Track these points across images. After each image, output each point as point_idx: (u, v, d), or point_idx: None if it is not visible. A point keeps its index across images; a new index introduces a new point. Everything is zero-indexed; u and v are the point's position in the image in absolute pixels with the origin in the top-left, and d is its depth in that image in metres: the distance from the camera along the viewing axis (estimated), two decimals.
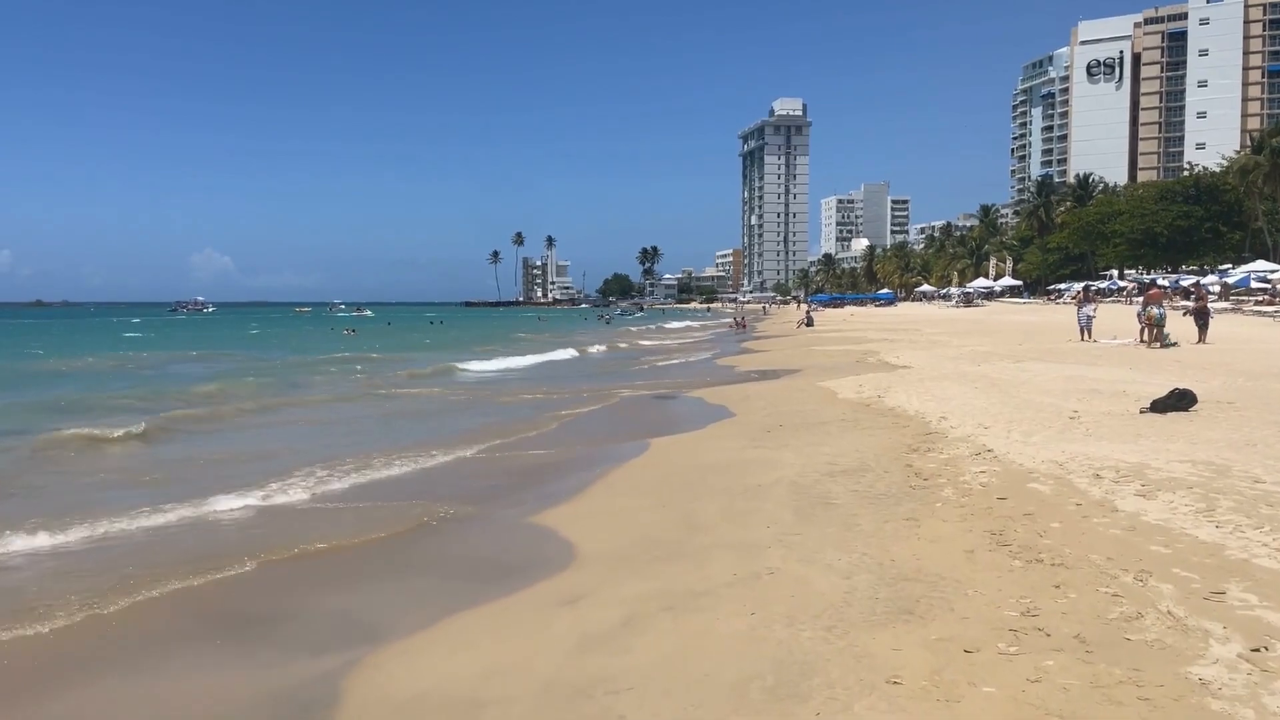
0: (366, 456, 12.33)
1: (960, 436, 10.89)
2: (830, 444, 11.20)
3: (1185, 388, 11.74)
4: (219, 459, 12.84)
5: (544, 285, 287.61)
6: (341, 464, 11.76)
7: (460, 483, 10.84)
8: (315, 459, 12.20)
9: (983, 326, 44.93)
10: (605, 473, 10.62)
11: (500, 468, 11.93)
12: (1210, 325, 26.66)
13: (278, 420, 17.62)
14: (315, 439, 14.79)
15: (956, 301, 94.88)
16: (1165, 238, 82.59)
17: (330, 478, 10.93)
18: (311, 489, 10.32)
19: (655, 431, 13.82)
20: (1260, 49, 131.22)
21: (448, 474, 11.52)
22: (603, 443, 13.45)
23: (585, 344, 44.19)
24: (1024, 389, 15.58)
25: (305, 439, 14.84)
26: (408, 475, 11.35)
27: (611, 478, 10.32)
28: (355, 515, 8.99)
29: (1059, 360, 21.90)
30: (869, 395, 16.06)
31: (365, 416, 17.87)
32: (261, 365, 31.85)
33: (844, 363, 25.15)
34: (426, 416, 17.80)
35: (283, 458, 12.57)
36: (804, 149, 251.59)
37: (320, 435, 15.35)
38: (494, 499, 9.79)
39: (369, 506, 9.46)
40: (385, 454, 12.54)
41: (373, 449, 13.08)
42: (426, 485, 10.72)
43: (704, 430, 13.81)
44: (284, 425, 16.94)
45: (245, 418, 17.69)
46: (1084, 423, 11.24)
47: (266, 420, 17.56)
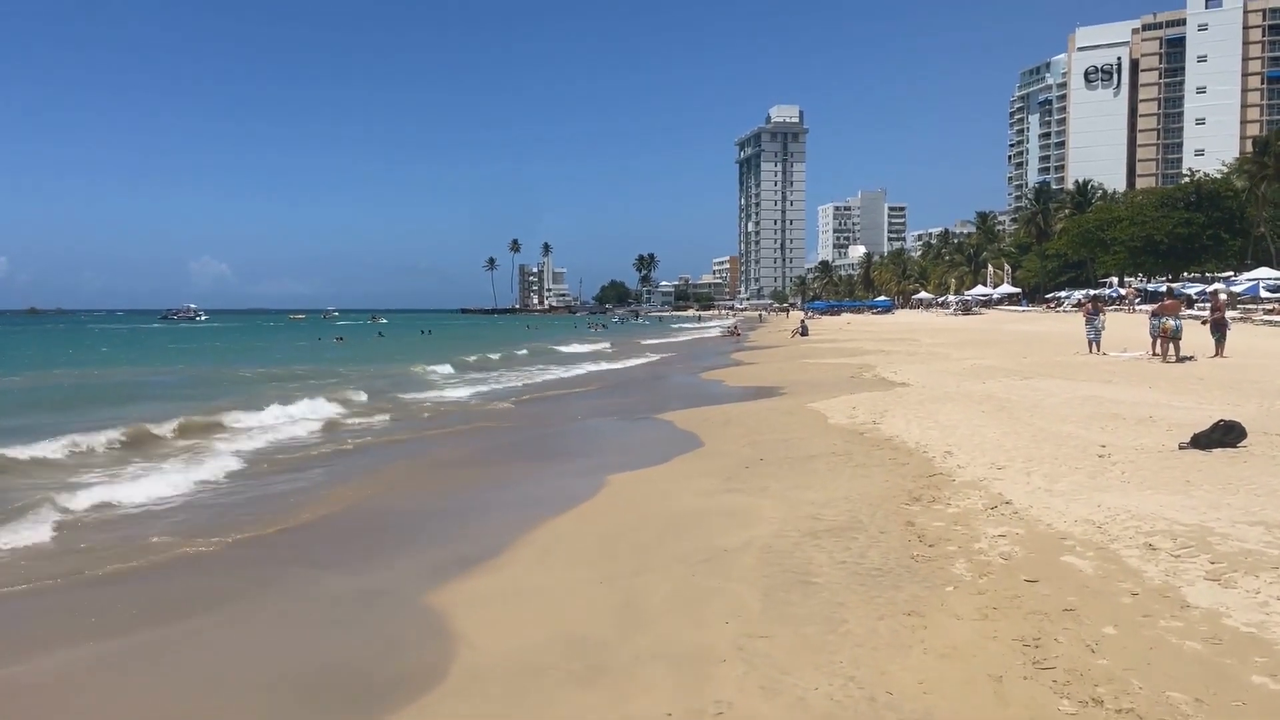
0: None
1: (970, 480, 9.15)
2: (817, 487, 9.46)
3: (1231, 420, 10.03)
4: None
5: (540, 292, 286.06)
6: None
7: (329, 535, 9.10)
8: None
9: (983, 336, 43.27)
10: (542, 523, 8.86)
11: (403, 510, 10.20)
12: (1228, 337, 25.06)
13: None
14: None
15: (955, 309, 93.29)
16: (1166, 245, 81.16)
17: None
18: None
19: (615, 464, 12.06)
20: (1260, 54, 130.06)
21: (322, 523, 9.74)
22: (549, 477, 11.70)
23: (560, 357, 42.41)
24: (1038, 414, 13.86)
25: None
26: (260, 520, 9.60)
27: (548, 532, 8.56)
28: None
29: (1070, 377, 20.20)
30: (863, 420, 14.33)
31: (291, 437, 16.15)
32: (205, 382, 29.81)
33: (837, 379, 23.41)
34: (365, 447, 16.03)
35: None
36: (801, 156, 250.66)
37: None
38: (373, 559, 8.03)
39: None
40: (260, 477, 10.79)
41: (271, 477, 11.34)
42: (292, 542, 8.95)
43: (674, 464, 12.05)
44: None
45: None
46: (1116, 462, 9.51)
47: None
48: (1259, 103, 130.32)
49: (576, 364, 36.93)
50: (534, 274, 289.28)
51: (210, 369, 36.78)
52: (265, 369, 35.09)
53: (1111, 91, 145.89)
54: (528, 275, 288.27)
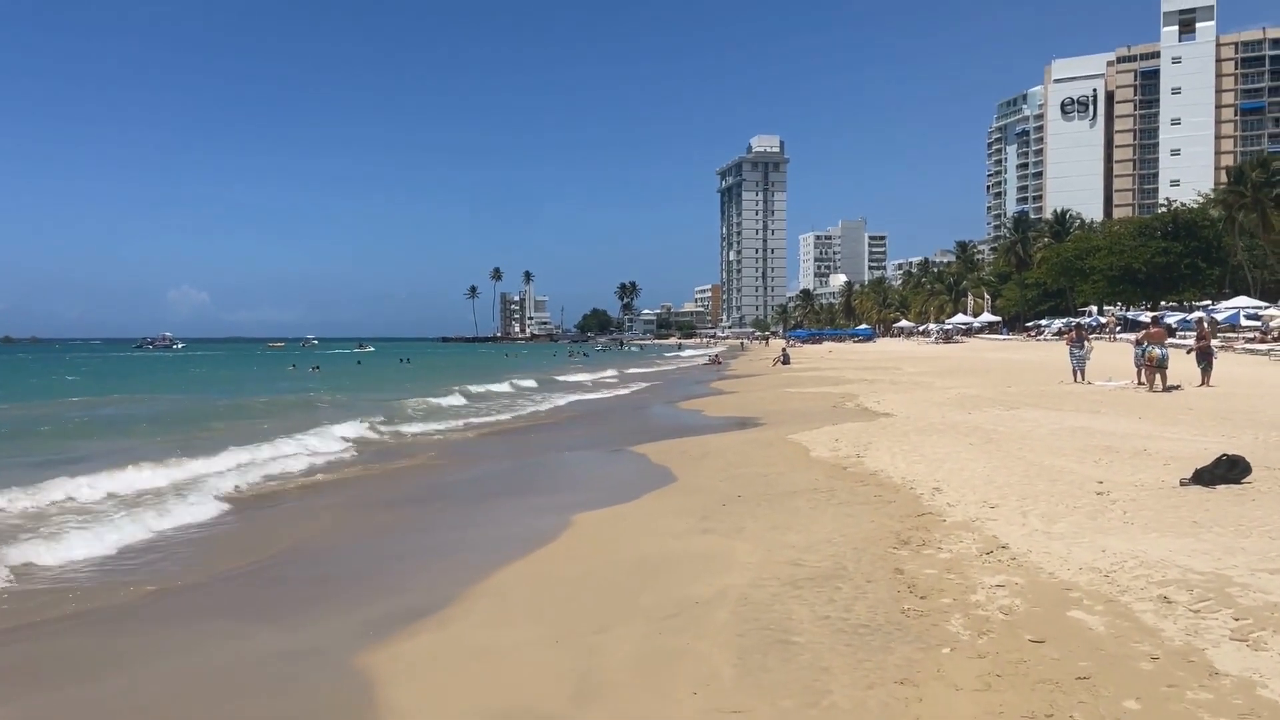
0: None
1: (961, 521, 8.51)
2: (798, 528, 8.80)
3: (1234, 454, 9.47)
4: None
5: (522, 320, 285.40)
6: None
7: (267, 581, 8.35)
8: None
9: (965, 365, 42.94)
10: (499, 569, 8.13)
11: (352, 553, 9.45)
12: (1214, 366, 24.74)
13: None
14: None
15: (936, 338, 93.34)
16: (1144, 274, 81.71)
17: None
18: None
19: (584, 501, 11.34)
20: (1233, 87, 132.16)
21: (261, 569, 8.99)
22: (513, 516, 10.95)
23: (532, 386, 41.65)
24: (1027, 446, 13.29)
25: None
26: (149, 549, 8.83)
27: (504, 579, 7.82)
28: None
29: (1056, 407, 19.71)
30: (846, 454, 13.70)
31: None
32: (160, 413, 28.81)
33: (819, 409, 22.83)
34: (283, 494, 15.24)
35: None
36: (782, 185, 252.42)
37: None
38: (309, 611, 7.28)
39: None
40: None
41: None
42: (224, 591, 8.20)
43: (646, 501, 11.35)
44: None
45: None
46: (1116, 500, 8.92)
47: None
48: (1233, 134, 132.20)
49: (552, 394, 36.09)
50: (516, 302, 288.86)
51: (181, 399, 35.72)
52: (235, 400, 34.07)
53: (1088, 123, 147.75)
54: (509, 304, 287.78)
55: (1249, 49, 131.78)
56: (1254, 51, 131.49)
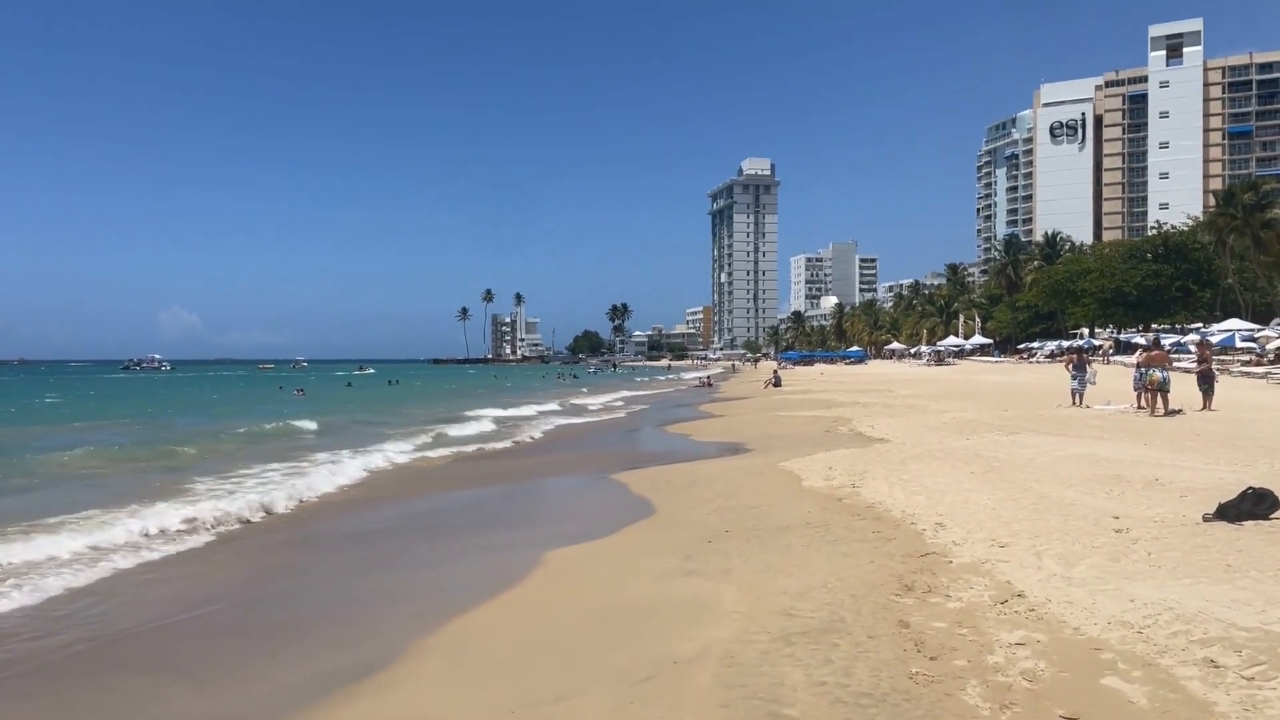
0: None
1: (970, 562, 7.75)
2: (790, 570, 8.02)
3: (1262, 487, 8.75)
4: None
5: (513, 342, 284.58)
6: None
7: (199, 632, 7.53)
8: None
9: (959, 387, 42.30)
10: (455, 617, 7.30)
11: (299, 597, 8.63)
12: (1216, 389, 24.11)
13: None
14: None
15: (928, 360, 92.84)
16: (1135, 296, 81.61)
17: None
18: None
19: (559, 536, 10.52)
20: (1220, 111, 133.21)
21: (195, 619, 8.17)
22: (478, 553, 10.13)
23: (516, 408, 40.78)
24: (1033, 476, 12.56)
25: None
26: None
27: (460, 630, 6.99)
28: None
29: (1057, 432, 19.01)
30: (841, 483, 12.94)
31: None
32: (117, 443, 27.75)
33: (812, 433, 22.09)
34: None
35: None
36: (773, 208, 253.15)
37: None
38: (240, 669, 6.45)
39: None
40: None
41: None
42: (148, 646, 7.36)
43: (627, 536, 10.56)
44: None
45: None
46: (1137, 539, 8.17)
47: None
48: (1220, 158, 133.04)
49: (535, 418, 35.11)
50: (507, 324, 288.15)
51: (152, 427, 34.69)
52: (212, 425, 33.02)
53: (1076, 146, 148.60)
54: (500, 325, 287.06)
55: (1236, 74, 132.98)
56: (1241, 76, 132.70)
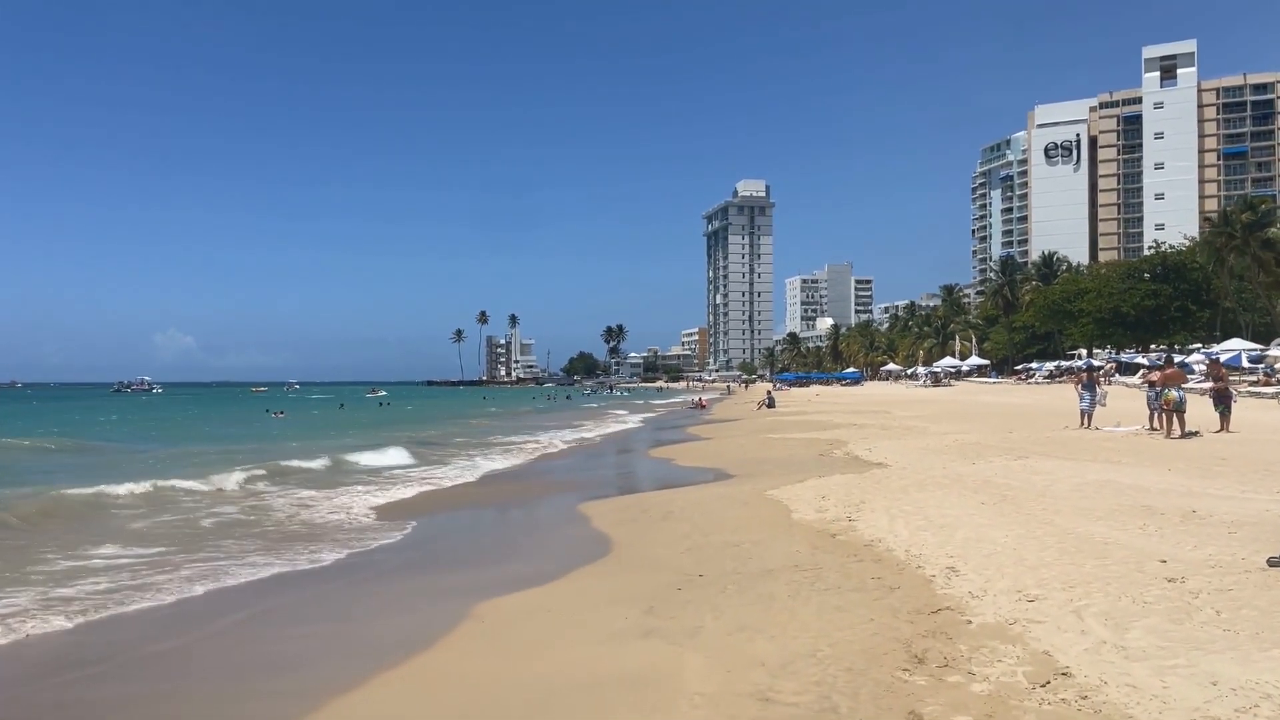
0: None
1: (994, 623, 6.24)
2: (772, 630, 6.51)
3: None
4: None
5: (508, 364, 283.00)
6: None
7: (44, 710, 5.98)
8: None
9: (959, 409, 40.86)
10: (347, 692, 5.77)
11: (170, 663, 7.07)
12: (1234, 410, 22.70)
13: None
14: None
15: (925, 381, 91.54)
16: (1133, 316, 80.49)
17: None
18: None
19: (498, 581, 8.94)
20: (1215, 132, 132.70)
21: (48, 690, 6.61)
22: (398, 602, 8.53)
23: (494, 433, 39.18)
24: (1051, 506, 11.07)
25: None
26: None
27: (334, 717, 5.47)
28: None
29: (1070, 456, 17.55)
30: (835, 515, 11.44)
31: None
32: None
33: (805, 457, 20.59)
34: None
35: None
36: (768, 229, 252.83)
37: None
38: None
39: None
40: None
41: None
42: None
43: (582, 580, 9.03)
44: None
45: None
46: (1197, 591, 6.66)
47: None
48: (1216, 178, 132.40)
49: (512, 442, 32.94)
50: (501, 346, 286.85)
51: (109, 448, 33.02)
52: (170, 449, 31.24)
53: (1071, 167, 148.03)
54: (495, 347, 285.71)
55: (1230, 94, 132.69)
56: (1235, 97, 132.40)
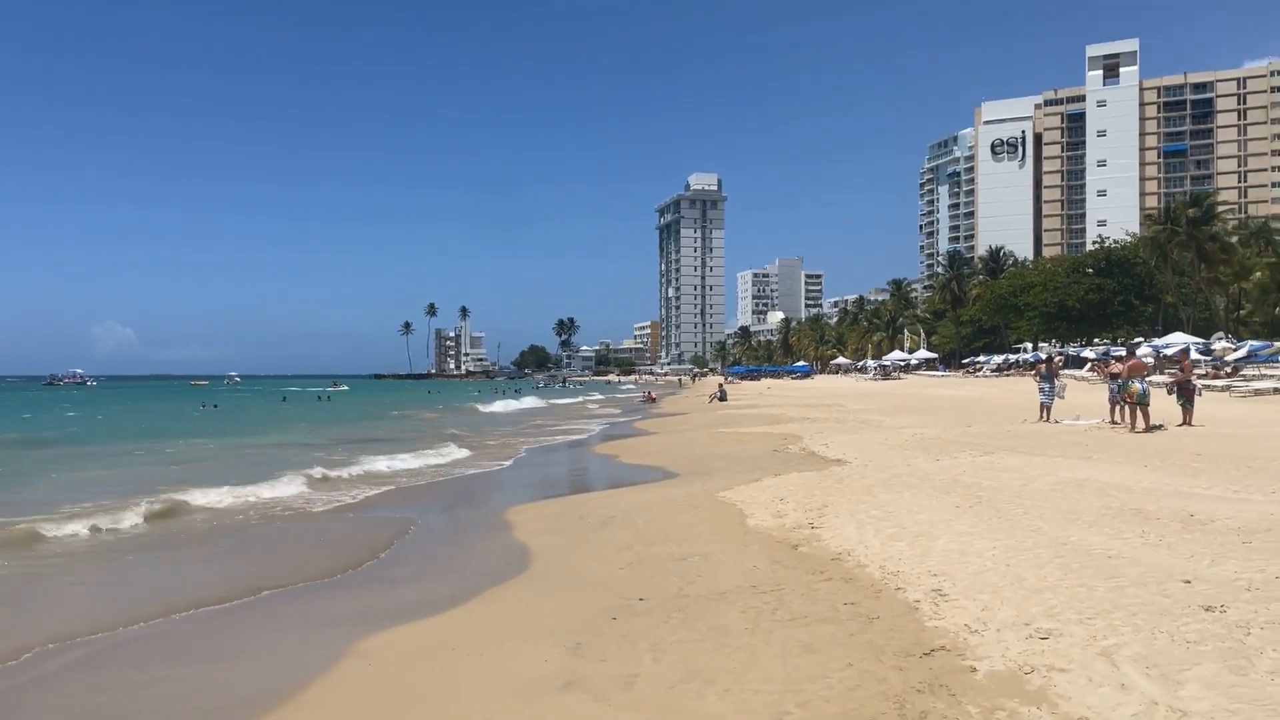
0: None
1: (1005, 670, 4.94)
2: (724, 678, 5.15)
3: None
4: None
5: (457, 357, 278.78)
6: None
7: None
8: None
9: (911, 402, 40.15)
10: None
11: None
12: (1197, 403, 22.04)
13: None
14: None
15: (874, 374, 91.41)
16: (1078, 310, 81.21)
17: None
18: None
19: (396, 607, 7.45)
20: (1155, 130, 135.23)
21: None
22: (268, 639, 6.97)
23: (434, 428, 37.40)
24: (1034, 510, 9.91)
25: None
26: None
27: None
28: None
29: (1037, 451, 16.55)
30: (796, 521, 10.14)
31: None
32: None
33: (759, 453, 19.35)
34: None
35: None
36: (719, 223, 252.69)
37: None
38: None
39: None
40: None
41: None
42: None
43: (503, 602, 7.57)
44: None
45: None
46: (1241, 620, 5.46)
47: None
48: (1156, 175, 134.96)
49: (450, 438, 30.46)
50: (451, 338, 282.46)
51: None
52: (55, 451, 28.44)
53: (1017, 164, 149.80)
54: (444, 340, 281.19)
55: (1171, 93, 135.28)
56: (1175, 96, 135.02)
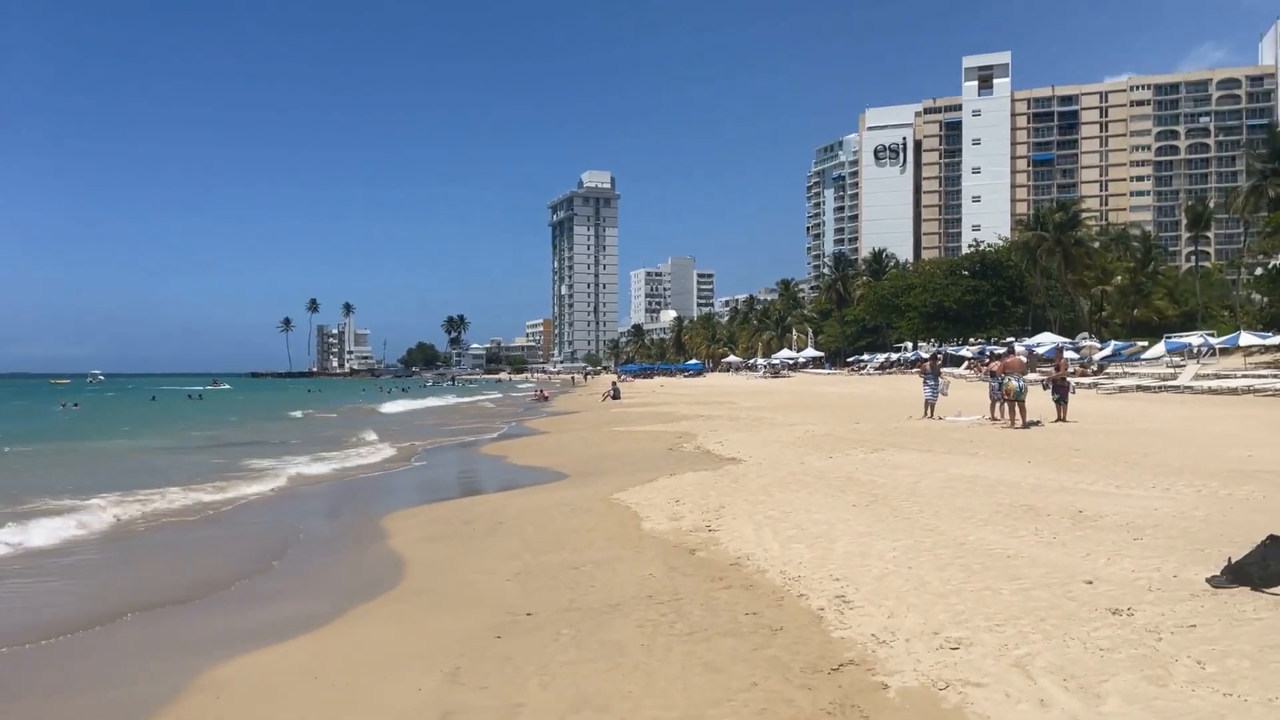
0: None
1: (918, 686, 4.62)
2: (620, 705, 4.66)
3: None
4: None
5: (341, 355, 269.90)
6: None
7: None
8: None
9: (800, 399, 40.75)
10: None
11: None
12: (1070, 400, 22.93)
13: None
14: None
15: (764, 372, 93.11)
16: (955, 311, 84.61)
17: None
18: None
19: (262, 627, 6.65)
20: (1026, 139, 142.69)
21: None
22: (104, 672, 5.98)
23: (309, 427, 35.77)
24: (929, 508, 9.84)
25: None
26: None
27: None
28: None
29: (924, 448, 16.76)
30: (693, 524, 9.76)
31: None
32: None
33: (653, 451, 18.99)
34: None
35: None
36: (613, 221, 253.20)
37: None
38: None
39: None
40: None
41: None
42: None
43: (375, 620, 6.87)
44: None
45: None
46: (1150, 624, 5.32)
47: None
48: (1026, 183, 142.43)
49: (323, 439, 28.29)
50: (334, 335, 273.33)
51: None
52: None
53: (899, 169, 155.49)
54: (327, 337, 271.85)
55: (1040, 105, 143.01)
56: (1044, 108, 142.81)
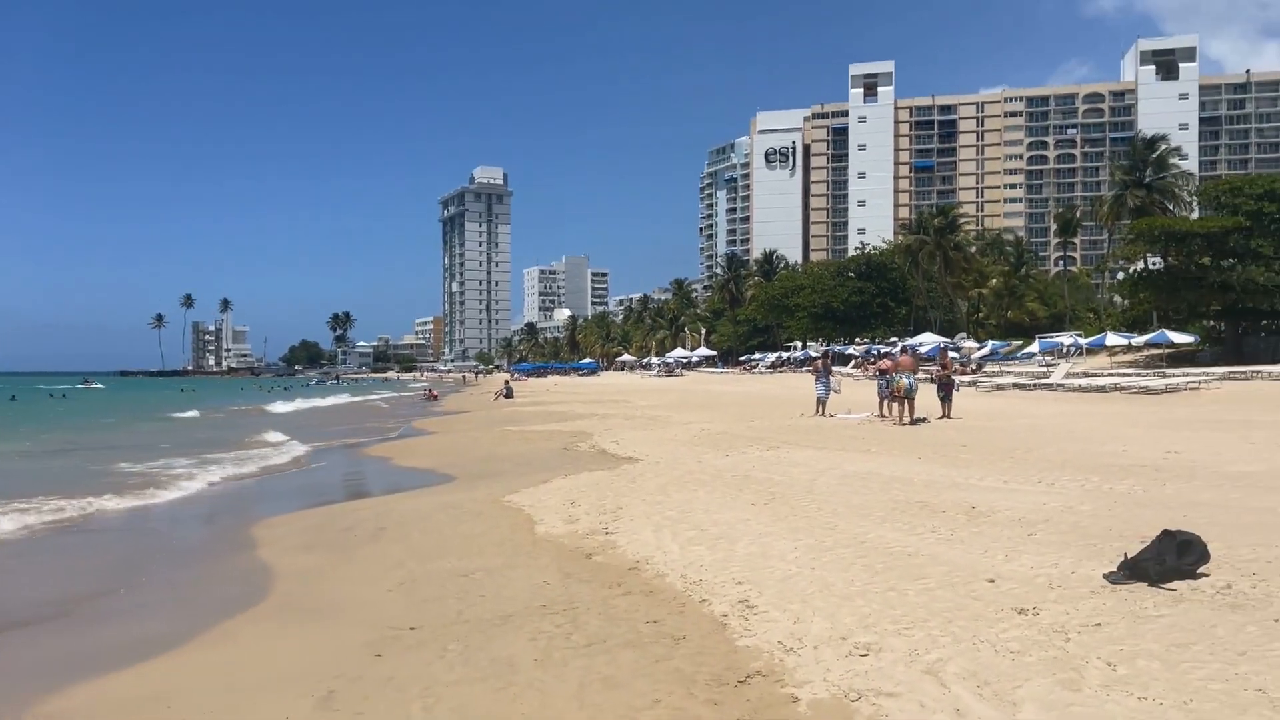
0: None
1: (829, 698, 4.36)
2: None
3: (1184, 532, 6.22)
4: None
5: (218, 353, 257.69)
6: None
7: None
8: None
9: (695, 398, 40.92)
10: None
11: None
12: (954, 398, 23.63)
13: None
14: None
15: (658, 371, 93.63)
16: (843, 311, 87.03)
17: None
18: None
19: (90, 651, 5.89)
20: (908, 146, 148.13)
21: None
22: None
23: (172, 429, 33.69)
24: (827, 506, 9.75)
25: None
26: None
27: None
28: None
29: (819, 445, 16.88)
30: (589, 526, 9.37)
31: None
32: None
33: (547, 452, 18.50)
34: None
35: None
36: (505, 218, 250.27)
37: None
38: None
39: None
40: None
41: None
42: None
43: (236, 634, 6.21)
44: None
45: None
46: (1057, 623, 5.24)
47: None
48: (908, 189, 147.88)
49: (184, 442, 26.56)
50: (210, 332, 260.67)
51: None
52: None
53: (788, 172, 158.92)
54: (203, 334, 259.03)
55: (921, 113, 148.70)
56: (925, 116, 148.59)
